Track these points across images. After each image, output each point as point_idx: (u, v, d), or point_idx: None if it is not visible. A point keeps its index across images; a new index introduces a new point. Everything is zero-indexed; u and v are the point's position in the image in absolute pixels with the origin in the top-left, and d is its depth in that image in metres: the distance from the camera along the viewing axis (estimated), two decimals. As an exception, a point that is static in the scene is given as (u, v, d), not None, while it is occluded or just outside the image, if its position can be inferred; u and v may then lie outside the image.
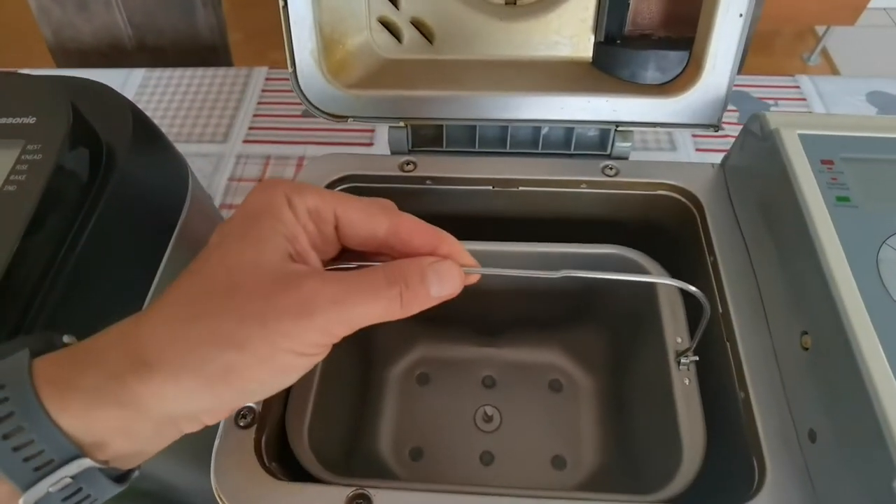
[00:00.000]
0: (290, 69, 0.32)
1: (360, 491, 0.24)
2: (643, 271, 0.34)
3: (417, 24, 0.34)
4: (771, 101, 0.72)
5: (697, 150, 0.64)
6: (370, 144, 0.63)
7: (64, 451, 0.18)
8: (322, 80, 0.33)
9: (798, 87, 0.74)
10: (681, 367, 0.29)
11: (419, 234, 0.21)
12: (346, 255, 0.23)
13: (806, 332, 0.25)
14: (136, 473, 0.20)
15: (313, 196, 0.20)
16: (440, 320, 0.40)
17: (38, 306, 0.25)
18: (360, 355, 0.40)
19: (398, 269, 0.20)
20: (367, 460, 0.37)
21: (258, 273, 0.18)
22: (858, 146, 0.28)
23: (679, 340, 0.30)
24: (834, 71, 1.87)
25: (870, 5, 1.66)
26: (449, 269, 0.21)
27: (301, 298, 0.18)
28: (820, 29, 1.90)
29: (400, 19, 0.34)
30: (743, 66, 0.92)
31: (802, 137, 0.28)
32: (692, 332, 0.31)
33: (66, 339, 0.21)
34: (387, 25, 0.35)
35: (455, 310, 0.39)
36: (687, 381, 0.29)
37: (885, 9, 2.01)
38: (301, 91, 0.33)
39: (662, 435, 0.29)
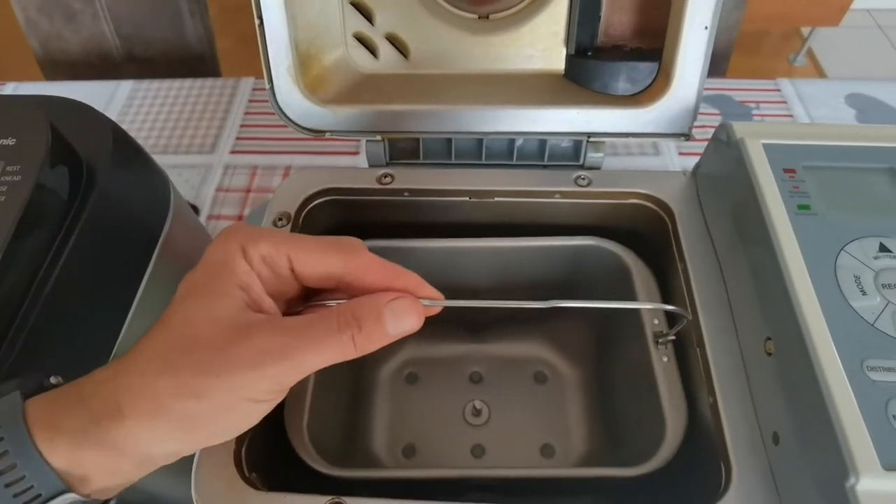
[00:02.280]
0: (267, 86, 0.33)
1: (337, 500, 0.25)
2: (620, 261, 0.35)
3: (392, 40, 0.35)
4: (752, 105, 0.73)
5: (681, 153, 0.65)
6: (356, 154, 0.64)
7: (52, 486, 0.19)
8: (299, 95, 0.34)
9: (779, 90, 0.75)
10: (658, 346, 0.30)
11: (373, 271, 0.22)
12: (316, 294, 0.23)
13: (769, 338, 0.26)
14: (113, 502, 0.22)
15: (266, 243, 0.21)
16: (427, 320, 0.41)
17: (20, 324, 0.25)
18: (351, 361, 0.41)
19: (350, 311, 0.21)
20: (362, 460, 0.38)
21: (215, 325, 0.20)
22: (820, 154, 0.29)
23: (656, 322, 0.31)
24: (819, 71, 1.89)
25: (853, 6, 1.68)
26: (406, 306, 0.22)
27: (251, 350, 0.19)
28: (805, 30, 1.92)
29: (375, 35, 0.35)
30: (728, 69, 0.94)
31: (766, 147, 0.29)
32: (675, 314, 0.32)
33: (52, 380, 0.23)
34: (362, 41, 0.35)
35: (441, 309, 0.40)
36: (665, 359, 0.30)
37: (868, 10, 2.03)
38: (279, 107, 0.34)
39: (646, 412, 0.30)
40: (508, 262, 0.38)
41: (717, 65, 0.87)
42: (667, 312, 0.32)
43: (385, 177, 0.36)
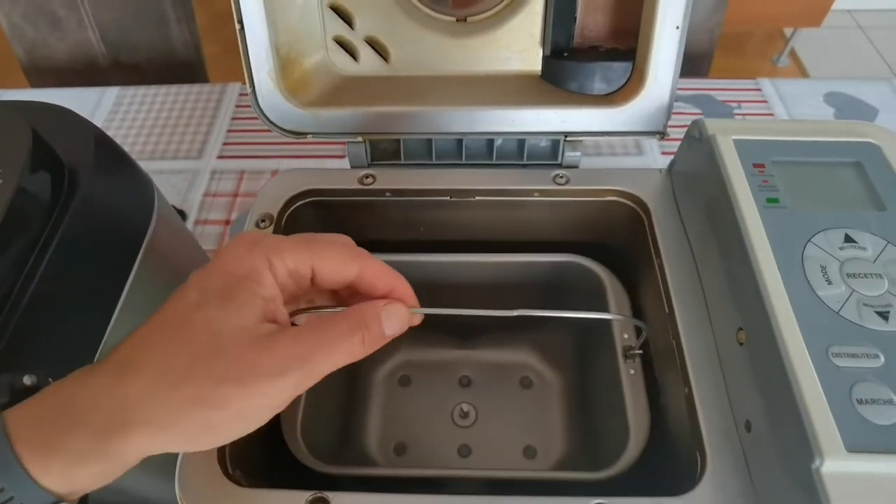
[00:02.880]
0: (249, 89, 0.33)
1: (319, 495, 0.25)
2: (595, 277, 0.36)
3: (372, 43, 0.36)
4: (734, 104, 0.74)
5: (663, 153, 0.66)
6: (342, 157, 0.65)
7: (41, 501, 0.19)
8: (281, 98, 0.34)
9: (760, 89, 0.76)
10: (626, 360, 0.31)
11: (382, 277, 0.24)
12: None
13: (741, 329, 0.26)
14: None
15: (292, 256, 0.22)
16: (420, 326, 0.43)
17: (2, 327, 0.25)
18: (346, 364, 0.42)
19: (359, 315, 0.22)
20: (354, 457, 0.39)
21: (239, 335, 0.20)
22: (787, 150, 0.29)
23: (626, 337, 0.32)
24: (802, 71, 1.92)
25: (834, 7, 1.70)
26: (399, 311, 0.23)
27: (275, 360, 0.20)
28: (788, 31, 1.95)
29: (355, 38, 0.35)
30: (710, 69, 0.95)
31: (737, 143, 0.30)
32: (637, 327, 0.33)
33: (27, 380, 0.22)
34: (342, 45, 0.36)
35: (434, 315, 0.41)
36: (632, 372, 0.31)
37: (849, 11, 2.06)
38: (261, 110, 0.34)
39: (614, 420, 0.31)
40: (493, 276, 0.39)
41: (700, 65, 0.88)
42: (636, 327, 0.33)
43: (367, 177, 0.36)
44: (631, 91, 0.34)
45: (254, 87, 0.33)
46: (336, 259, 0.23)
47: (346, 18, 0.35)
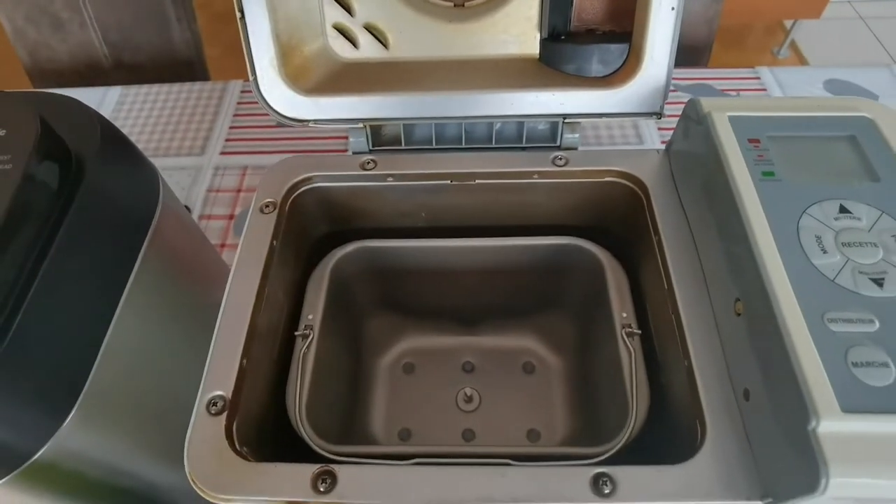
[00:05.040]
0: (250, 77, 0.34)
1: (326, 468, 0.25)
2: (595, 260, 0.37)
3: (371, 29, 0.36)
4: (733, 93, 0.75)
5: (662, 142, 0.66)
6: (344, 151, 0.65)
7: None
8: (282, 85, 0.34)
9: (759, 77, 0.77)
10: (626, 338, 0.31)
11: None
12: None
13: (738, 299, 0.27)
14: None
15: None
16: (424, 314, 0.44)
17: (9, 315, 0.26)
18: (352, 348, 0.43)
19: None
20: (360, 442, 0.39)
21: None
22: (782, 125, 0.30)
23: (625, 315, 0.33)
24: (803, 63, 1.91)
25: (833, -2, 1.70)
26: None
27: None
28: (788, 23, 1.94)
29: (354, 25, 0.36)
30: (710, 60, 0.95)
31: (732, 119, 0.30)
32: (637, 307, 0.33)
33: None
34: (342, 31, 0.36)
35: (436, 302, 0.42)
36: (632, 350, 0.31)
37: (849, 1, 2.06)
38: (263, 97, 0.35)
39: (615, 399, 0.32)
40: (494, 259, 0.40)
41: (699, 56, 0.88)
42: (634, 306, 0.34)
43: (368, 163, 0.37)
44: (628, 73, 0.35)
45: (255, 75, 0.34)
46: None
47: (345, 5, 0.35)
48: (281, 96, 0.35)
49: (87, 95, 0.74)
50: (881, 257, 0.25)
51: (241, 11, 0.32)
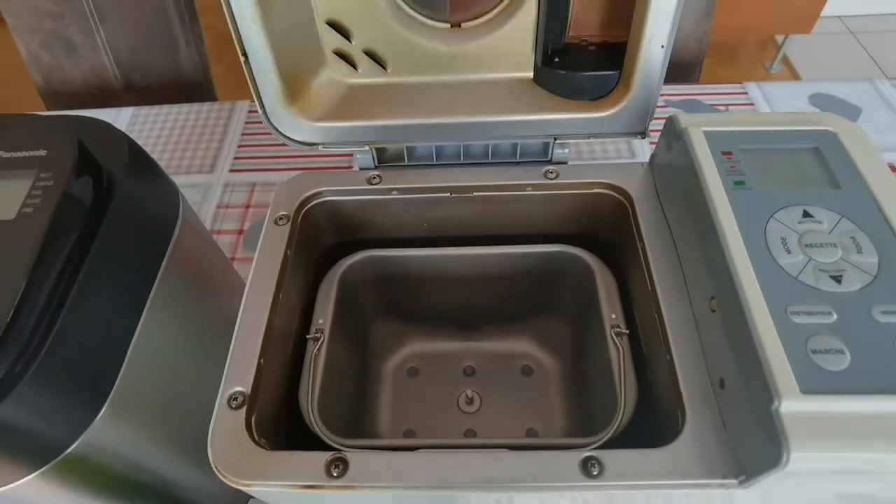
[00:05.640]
0: (260, 112, 0.36)
1: (339, 455, 0.28)
2: (586, 266, 0.39)
3: (370, 54, 0.39)
4: (722, 108, 0.77)
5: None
6: (349, 167, 0.68)
7: None
8: (291, 116, 0.37)
9: (746, 93, 0.79)
10: (615, 338, 0.34)
11: None
12: None
13: (713, 297, 0.29)
14: None
15: None
16: (427, 319, 0.46)
17: (48, 323, 0.28)
18: (359, 351, 0.45)
19: None
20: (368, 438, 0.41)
21: None
22: (753, 139, 0.32)
23: (614, 317, 0.35)
24: (795, 77, 1.95)
25: (825, 14, 1.74)
26: None
27: None
28: (780, 38, 1.99)
29: (354, 50, 0.38)
30: (700, 76, 0.98)
31: (707, 133, 0.33)
32: (625, 308, 0.36)
33: None
34: (342, 56, 0.39)
35: (438, 308, 0.44)
36: (620, 348, 0.34)
37: (839, 17, 2.11)
38: (274, 128, 0.37)
39: (606, 395, 0.34)
40: (491, 266, 0.42)
41: (689, 72, 0.91)
42: (623, 308, 0.36)
43: (374, 178, 0.39)
44: (617, 97, 0.37)
45: (264, 110, 0.36)
46: None
47: (344, 32, 0.38)
48: (290, 125, 0.38)
49: (101, 116, 0.77)
50: (840, 256, 0.27)
51: (245, 54, 0.34)
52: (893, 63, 1.96)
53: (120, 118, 0.78)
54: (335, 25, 0.38)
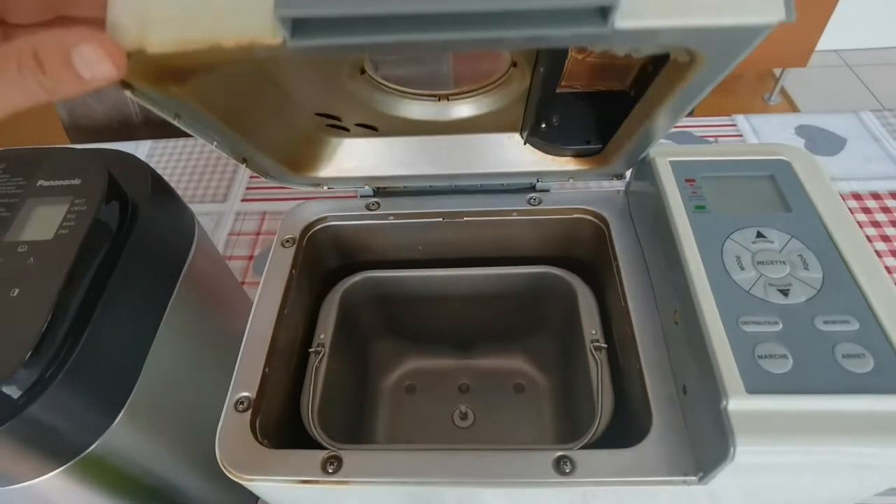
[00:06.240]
0: (267, 181, 0.39)
1: (334, 453, 0.31)
2: (568, 286, 0.42)
3: (363, 125, 0.41)
4: (711, 139, 0.80)
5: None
6: (354, 197, 0.72)
7: None
8: (294, 179, 0.41)
9: (735, 125, 0.82)
10: (594, 352, 0.37)
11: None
12: None
13: (676, 311, 0.32)
14: None
15: None
16: (423, 338, 0.49)
17: (80, 328, 0.31)
18: (358, 367, 0.48)
19: (31, 50, 0.18)
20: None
21: None
22: (714, 167, 0.36)
23: (593, 332, 0.38)
24: (794, 109, 2.00)
25: (822, 48, 1.79)
26: (97, 53, 0.18)
27: None
28: (777, 71, 2.04)
29: (346, 124, 0.41)
30: (695, 108, 1.01)
31: (672, 163, 0.36)
32: (604, 324, 0.38)
33: None
34: (336, 126, 0.41)
35: (433, 326, 0.47)
36: (598, 361, 0.36)
37: (836, 50, 2.16)
38: (282, 184, 0.41)
39: (586, 405, 0.36)
40: (481, 286, 0.45)
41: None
42: (603, 327, 0.39)
43: (373, 204, 0.43)
44: (601, 161, 0.40)
45: (270, 177, 0.39)
46: None
47: (334, 117, 0.40)
48: (294, 181, 0.41)
49: (121, 149, 0.82)
50: (788, 272, 0.30)
51: (244, 160, 0.37)
52: (888, 94, 2.00)
53: (139, 150, 0.83)
54: (325, 115, 0.40)
